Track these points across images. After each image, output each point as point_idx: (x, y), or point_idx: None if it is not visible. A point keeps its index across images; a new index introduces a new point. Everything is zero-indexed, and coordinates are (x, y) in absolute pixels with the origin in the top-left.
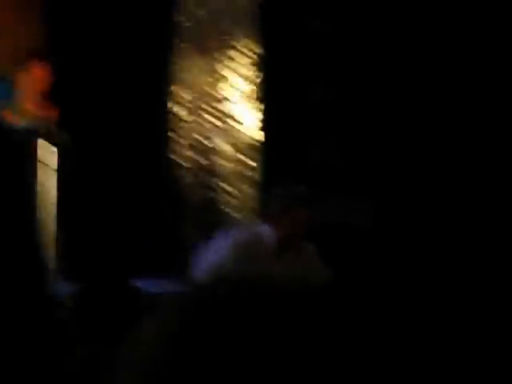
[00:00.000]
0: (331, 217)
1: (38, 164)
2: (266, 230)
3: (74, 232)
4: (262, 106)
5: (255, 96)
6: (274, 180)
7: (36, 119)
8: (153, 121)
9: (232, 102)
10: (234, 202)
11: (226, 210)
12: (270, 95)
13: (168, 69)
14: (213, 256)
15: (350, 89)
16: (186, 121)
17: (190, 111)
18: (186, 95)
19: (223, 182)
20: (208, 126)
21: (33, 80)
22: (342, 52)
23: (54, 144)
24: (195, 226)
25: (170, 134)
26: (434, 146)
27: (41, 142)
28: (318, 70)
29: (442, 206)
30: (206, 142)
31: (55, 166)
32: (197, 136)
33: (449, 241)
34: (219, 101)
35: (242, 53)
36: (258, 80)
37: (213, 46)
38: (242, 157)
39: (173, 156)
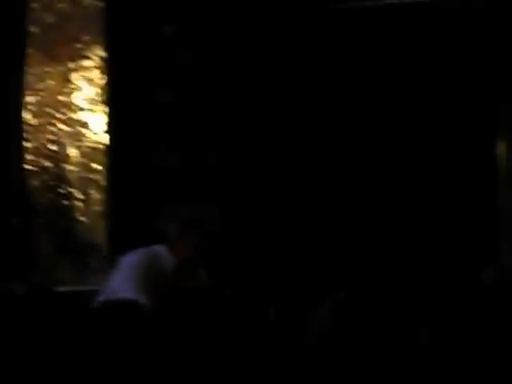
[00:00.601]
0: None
1: None
2: (164, 252)
3: None
4: (107, 110)
5: (100, 99)
6: (120, 184)
7: None
8: (0, 127)
9: (78, 106)
10: (80, 206)
11: (74, 214)
12: (115, 98)
13: (17, 75)
14: (113, 281)
15: (195, 92)
16: (33, 126)
17: (37, 116)
18: (34, 100)
19: (70, 186)
20: (55, 130)
21: None
22: (188, 55)
23: None
24: (43, 231)
25: (18, 139)
26: (279, 146)
27: None
28: (163, 73)
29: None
30: (53, 147)
31: None
32: (44, 141)
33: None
34: (66, 105)
35: (88, 57)
36: (103, 83)
37: (60, 51)
38: (87, 161)
39: (21, 161)
